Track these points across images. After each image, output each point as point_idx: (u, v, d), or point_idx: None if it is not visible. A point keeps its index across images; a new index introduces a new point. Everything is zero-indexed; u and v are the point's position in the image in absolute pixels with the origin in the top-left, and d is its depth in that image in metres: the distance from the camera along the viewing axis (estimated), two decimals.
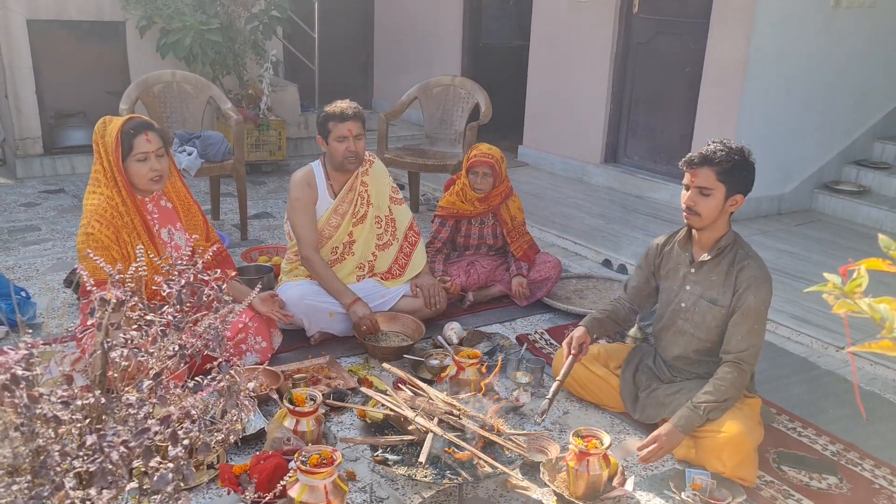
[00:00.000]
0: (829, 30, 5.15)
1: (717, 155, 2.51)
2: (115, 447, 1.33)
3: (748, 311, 2.55)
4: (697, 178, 2.55)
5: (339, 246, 3.50)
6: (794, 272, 4.36)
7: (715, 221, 2.59)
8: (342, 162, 3.39)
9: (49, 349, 1.73)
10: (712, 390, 2.52)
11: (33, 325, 3.43)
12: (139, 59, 6.18)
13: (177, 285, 1.55)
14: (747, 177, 2.56)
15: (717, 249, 2.63)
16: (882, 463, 2.66)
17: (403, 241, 3.63)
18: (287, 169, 6.52)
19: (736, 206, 2.58)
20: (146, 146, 2.82)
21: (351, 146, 3.36)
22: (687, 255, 2.73)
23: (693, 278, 2.70)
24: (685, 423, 2.50)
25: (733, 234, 2.66)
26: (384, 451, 2.54)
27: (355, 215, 3.50)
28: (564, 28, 6.26)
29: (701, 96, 5.30)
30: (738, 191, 2.55)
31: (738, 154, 2.53)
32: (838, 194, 5.47)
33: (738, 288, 2.58)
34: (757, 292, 2.55)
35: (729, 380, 2.52)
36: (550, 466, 2.47)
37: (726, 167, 2.51)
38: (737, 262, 2.60)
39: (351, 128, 3.35)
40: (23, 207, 5.18)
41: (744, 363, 2.55)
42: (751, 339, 2.55)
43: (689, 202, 2.58)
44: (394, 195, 3.64)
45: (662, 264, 2.83)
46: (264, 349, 3.09)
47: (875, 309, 1.00)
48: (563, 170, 6.49)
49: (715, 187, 2.53)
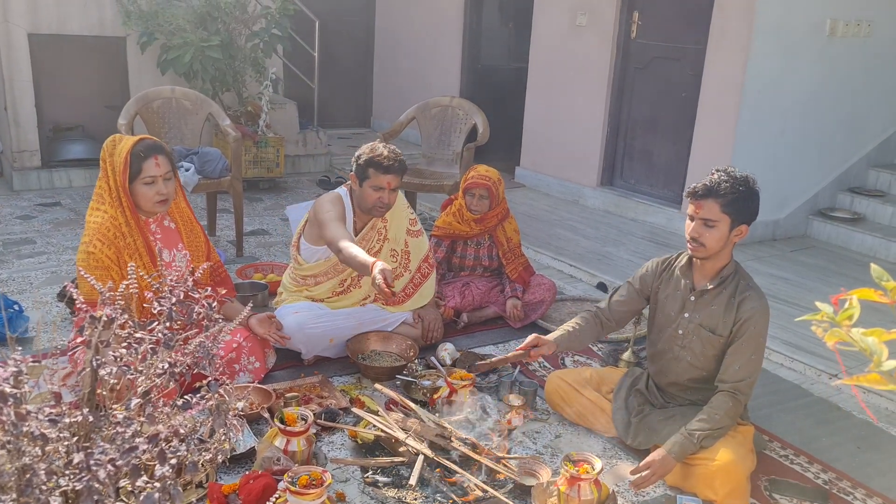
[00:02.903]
0: (824, 58, 5.20)
1: (721, 186, 2.49)
2: (102, 465, 1.32)
3: (748, 341, 2.55)
4: (702, 209, 2.52)
5: (347, 279, 3.46)
6: (788, 298, 4.37)
7: (719, 252, 2.58)
8: (371, 209, 3.30)
9: (39, 365, 1.72)
10: (707, 418, 2.51)
11: (25, 339, 3.42)
12: (139, 75, 6.21)
13: (168, 303, 1.54)
14: (752, 206, 2.55)
15: (720, 279, 2.62)
16: (874, 492, 2.65)
17: (416, 273, 3.58)
18: (284, 186, 6.53)
19: (741, 235, 2.57)
20: (155, 170, 2.81)
21: (385, 198, 3.25)
22: (687, 282, 2.71)
23: (692, 306, 2.68)
24: (679, 450, 2.49)
25: (735, 263, 2.65)
26: (374, 472, 2.52)
27: (369, 251, 3.39)
28: (563, 51, 6.31)
29: (697, 121, 5.34)
30: (743, 221, 2.54)
31: (742, 185, 2.51)
32: (833, 221, 5.49)
33: (738, 318, 2.56)
34: (757, 323, 2.54)
35: (724, 409, 2.52)
36: (541, 490, 2.46)
37: (731, 198, 2.49)
38: (738, 292, 2.59)
39: (391, 181, 3.24)
40: (18, 220, 5.18)
41: (739, 393, 2.54)
42: (748, 368, 2.55)
43: (693, 234, 2.55)
44: (411, 227, 3.55)
45: (661, 288, 2.81)
46: (258, 369, 3.07)
47: (863, 341, 1.00)
48: (559, 192, 6.51)
49: (720, 219, 2.51)
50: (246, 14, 6.29)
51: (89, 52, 6.13)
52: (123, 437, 1.40)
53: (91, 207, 2.87)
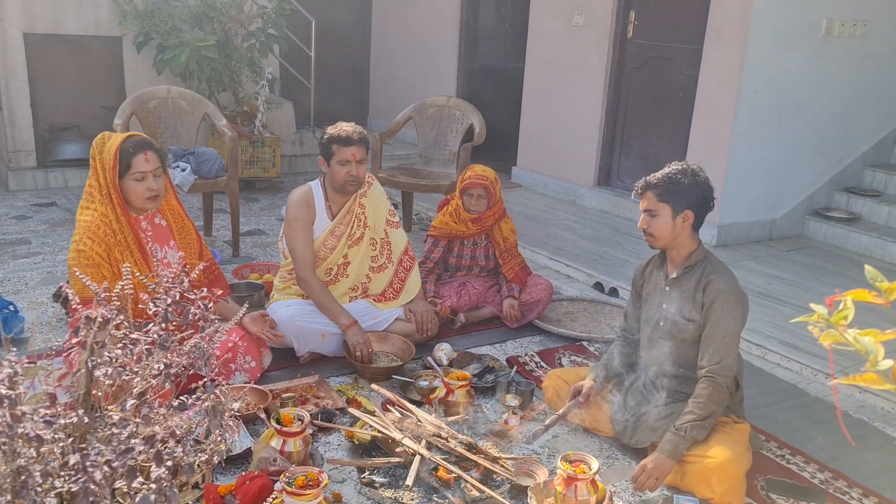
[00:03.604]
0: (820, 58, 5.20)
1: (655, 178, 2.66)
2: (98, 467, 1.32)
3: (716, 324, 2.59)
4: (644, 201, 2.69)
5: (333, 267, 3.49)
6: (784, 298, 4.37)
7: (675, 239, 2.67)
8: (342, 185, 3.37)
9: (34, 366, 1.72)
10: (692, 409, 2.55)
11: (21, 339, 3.41)
12: (135, 75, 6.20)
13: (163, 304, 1.54)
14: (692, 192, 2.63)
15: (686, 266, 2.70)
16: (870, 492, 2.66)
17: (398, 266, 3.62)
18: (281, 186, 6.53)
19: (688, 221, 2.65)
20: (144, 166, 2.81)
21: (353, 171, 3.34)
22: (663, 274, 2.80)
23: (668, 296, 2.75)
24: (671, 448, 2.52)
25: (704, 251, 2.72)
26: (371, 472, 2.52)
27: (351, 237, 3.48)
28: (559, 51, 6.31)
29: (694, 121, 5.34)
30: (684, 207, 2.63)
31: (678, 174, 2.63)
32: (829, 221, 5.50)
33: (705, 301, 2.63)
34: (724, 306, 2.58)
35: (706, 395, 2.55)
36: (538, 490, 2.46)
37: (664, 188, 2.63)
38: (703, 277, 2.66)
39: (354, 152, 3.33)
40: (14, 220, 5.17)
41: (717, 376, 2.57)
42: (721, 352, 2.58)
43: (641, 225, 2.71)
44: (390, 218, 3.62)
45: (644, 285, 2.89)
46: (254, 369, 3.07)
47: (860, 341, 1.00)
48: (556, 192, 6.51)
49: (658, 208, 2.64)
50: (242, 14, 6.28)
51: (85, 52, 6.11)
52: (119, 439, 1.39)
53: (81, 207, 2.87)
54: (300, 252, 3.37)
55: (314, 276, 3.37)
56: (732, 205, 5.22)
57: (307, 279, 3.35)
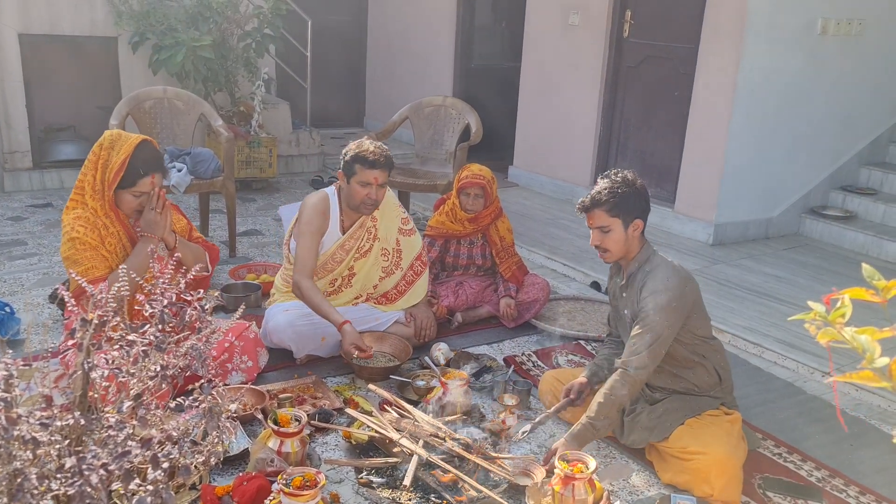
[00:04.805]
0: (816, 57, 5.21)
1: (601, 195, 2.64)
2: (94, 469, 1.32)
3: (641, 320, 2.60)
4: (594, 219, 2.67)
5: (338, 279, 3.46)
6: (781, 296, 4.38)
7: (629, 250, 2.70)
8: (358, 206, 3.30)
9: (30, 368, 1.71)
10: (603, 402, 2.55)
11: (17, 341, 3.40)
12: (131, 75, 6.18)
13: (159, 305, 1.54)
14: (638, 202, 2.65)
15: (630, 273, 2.72)
16: (867, 489, 2.66)
17: (408, 270, 3.59)
18: (277, 187, 6.52)
19: (638, 229, 2.67)
20: (148, 188, 2.82)
21: (372, 194, 3.26)
22: (618, 280, 2.83)
23: (624, 302, 2.78)
24: (580, 439, 2.55)
25: (647, 252, 2.72)
26: (369, 473, 2.52)
27: (359, 251, 3.43)
28: (555, 51, 6.31)
29: (690, 120, 5.35)
30: (634, 217, 2.64)
31: (620, 186, 2.63)
32: (825, 219, 5.51)
33: (640, 299, 2.64)
34: (649, 302, 2.59)
35: (612, 386, 2.56)
36: (535, 490, 2.46)
37: (613, 203, 2.62)
38: (641, 280, 2.68)
39: (378, 176, 3.24)
40: (9, 221, 5.15)
41: (629, 367, 2.57)
42: (638, 345, 2.58)
43: (594, 242, 2.70)
44: (403, 227, 3.56)
45: (610, 294, 2.93)
46: (250, 369, 3.07)
47: (857, 339, 1.01)
48: (552, 191, 6.51)
49: (610, 223, 2.65)
50: (238, 14, 6.27)
51: (80, 53, 6.10)
52: (116, 441, 1.39)
53: (67, 207, 2.86)
54: (305, 256, 3.27)
55: (308, 282, 3.27)
56: (729, 203, 5.23)
57: (301, 284, 3.25)
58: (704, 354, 2.73)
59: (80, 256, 2.75)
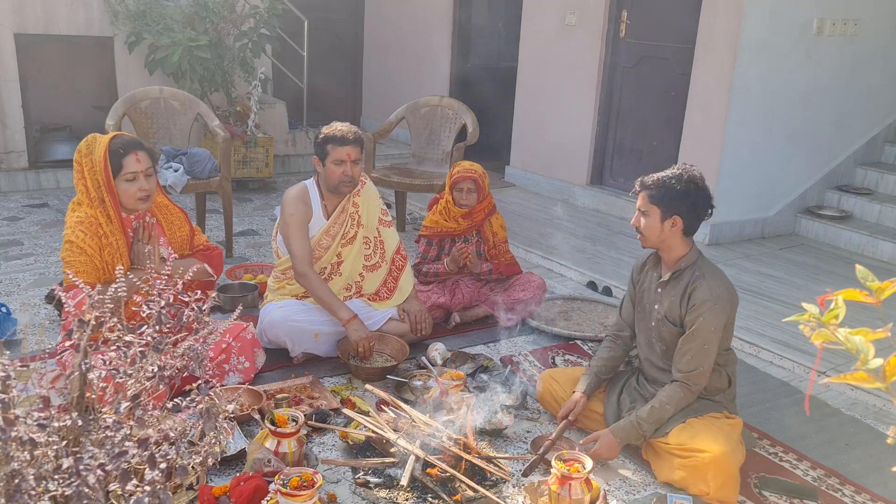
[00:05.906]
0: (812, 57, 5.23)
1: (650, 179, 2.66)
2: (91, 470, 1.32)
3: (696, 332, 2.60)
4: (639, 200, 2.70)
5: (326, 266, 3.49)
6: (777, 296, 4.39)
7: (664, 242, 2.68)
8: (337, 185, 3.37)
9: (27, 369, 1.72)
10: (656, 408, 2.61)
11: (13, 341, 3.39)
12: (127, 75, 6.18)
13: (157, 306, 1.54)
14: (682, 199, 2.62)
15: (675, 270, 2.71)
16: (862, 489, 2.67)
17: (392, 265, 3.62)
18: (274, 186, 6.52)
19: (677, 227, 2.65)
20: (136, 166, 2.79)
21: (348, 171, 3.34)
22: (656, 275, 2.81)
23: (659, 298, 2.76)
24: (621, 434, 2.63)
25: (695, 255, 2.71)
26: (366, 473, 2.52)
27: (345, 236, 3.48)
28: (552, 51, 6.32)
29: (686, 120, 5.36)
30: (673, 213, 2.63)
31: (673, 179, 2.62)
32: (821, 219, 5.53)
33: (690, 307, 2.64)
34: (705, 314, 2.59)
35: (675, 400, 2.61)
36: (532, 490, 2.46)
37: (656, 190, 2.64)
38: (690, 284, 2.66)
39: (350, 152, 3.32)
40: (6, 221, 5.14)
41: (692, 384, 2.61)
42: (699, 359, 2.60)
43: (634, 223, 2.73)
44: (383, 217, 3.62)
45: (638, 285, 2.90)
46: (247, 369, 3.07)
47: (850, 340, 1.01)
48: (549, 191, 6.52)
49: (649, 209, 2.66)
50: (234, 13, 6.27)
51: (77, 52, 6.09)
52: (113, 442, 1.39)
53: (70, 209, 2.85)
54: (298, 248, 3.33)
55: (312, 271, 3.33)
56: (725, 203, 5.24)
57: (306, 273, 3.31)
58: (722, 363, 2.73)
59: (73, 260, 2.74)
